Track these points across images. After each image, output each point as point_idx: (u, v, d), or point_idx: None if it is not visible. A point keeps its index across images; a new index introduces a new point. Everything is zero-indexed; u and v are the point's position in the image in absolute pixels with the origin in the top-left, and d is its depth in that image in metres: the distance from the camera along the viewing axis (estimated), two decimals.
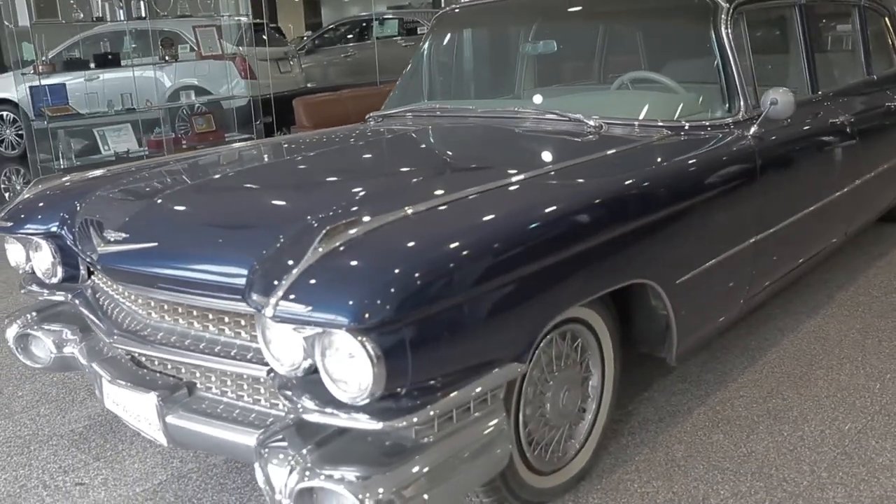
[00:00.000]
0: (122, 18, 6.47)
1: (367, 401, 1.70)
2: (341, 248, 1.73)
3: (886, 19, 4.40)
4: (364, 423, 1.72)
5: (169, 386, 2.20)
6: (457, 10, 3.77)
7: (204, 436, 2.11)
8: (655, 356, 2.61)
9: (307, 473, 1.74)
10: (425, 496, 1.76)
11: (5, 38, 6.30)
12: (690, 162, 2.53)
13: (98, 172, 2.88)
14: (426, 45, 3.73)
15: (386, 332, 1.65)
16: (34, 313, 2.73)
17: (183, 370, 2.22)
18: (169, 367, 2.25)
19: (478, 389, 1.84)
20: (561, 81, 3.67)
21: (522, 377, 2.13)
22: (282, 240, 1.87)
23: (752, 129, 2.82)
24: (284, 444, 1.85)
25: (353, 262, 1.70)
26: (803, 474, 2.40)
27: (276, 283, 1.71)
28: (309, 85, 10.81)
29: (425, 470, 1.77)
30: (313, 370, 1.82)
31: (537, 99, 3.34)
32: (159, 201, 2.32)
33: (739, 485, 2.37)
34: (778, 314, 3.58)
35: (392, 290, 1.64)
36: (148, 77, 8.68)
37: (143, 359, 2.31)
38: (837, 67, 4.10)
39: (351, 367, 1.69)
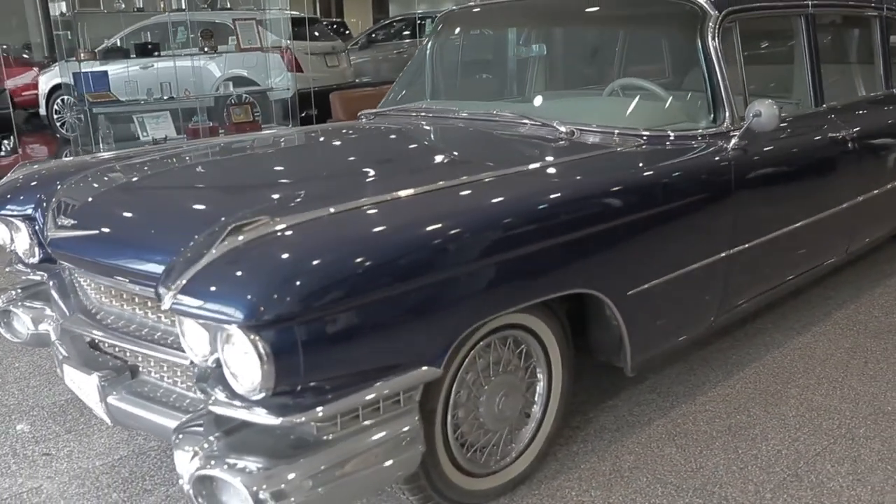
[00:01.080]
0: (162, 10, 6.65)
1: (261, 395, 1.73)
2: (242, 247, 1.76)
3: None
4: (262, 417, 1.75)
5: (114, 368, 2.28)
6: (456, 12, 3.78)
7: (140, 418, 2.18)
8: (614, 365, 2.59)
9: (209, 461, 1.79)
10: (320, 490, 1.79)
11: (59, 27, 6.55)
12: (646, 173, 2.48)
13: (82, 159, 2.99)
14: (428, 45, 3.75)
15: (276, 331, 1.68)
16: (19, 290, 2.86)
17: (128, 354, 2.30)
18: (117, 350, 2.33)
19: (385, 391, 1.86)
20: (553, 86, 3.64)
21: (452, 380, 2.15)
22: (197, 235, 1.92)
23: (733, 142, 2.75)
24: (200, 430, 1.91)
25: (250, 261, 1.74)
26: (747, 494, 2.35)
27: (179, 276, 1.76)
28: (357, 80, 10.93)
29: (322, 466, 1.80)
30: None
31: (518, 103, 3.33)
32: (109, 191, 2.41)
33: (678, 500, 2.33)
34: (769, 329, 3.49)
35: (283, 289, 1.67)
36: (198, 67, 8.95)
37: (98, 341, 2.40)
38: (851, 80, 3.95)
39: (244, 362, 1.72)
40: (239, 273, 1.72)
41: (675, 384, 3.02)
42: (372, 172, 2.49)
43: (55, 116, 9.43)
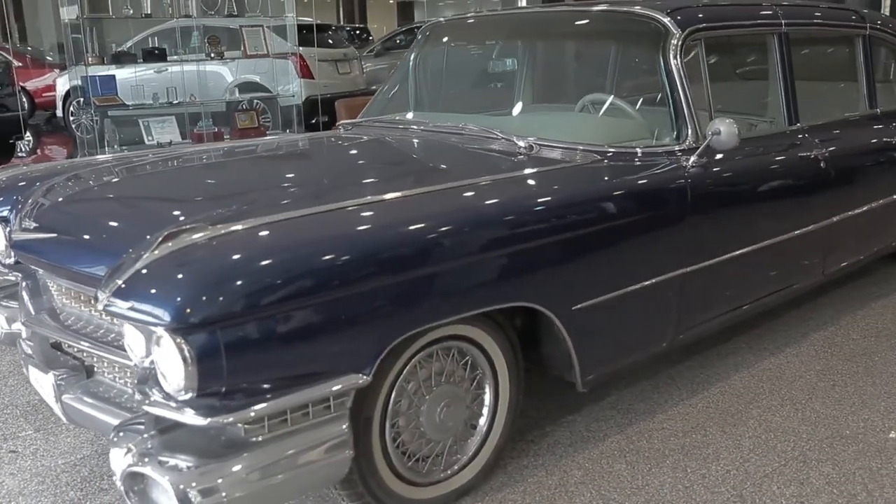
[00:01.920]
0: (170, 16, 6.79)
1: (188, 396, 1.79)
2: (173, 252, 1.83)
3: None
4: (191, 417, 1.81)
5: (71, 368, 2.34)
6: (438, 24, 3.83)
7: (93, 417, 2.24)
8: (566, 380, 2.61)
9: (140, 459, 1.85)
10: (246, 491, 1.84)
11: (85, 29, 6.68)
12: (594, 188, 2.51)
13: (72, 161, 3.09)
14: (411, 56, 3.80)
15: (201, 334, 1.74)
16: None
17: (85, 355, 2.36)
18: (76, 350, 2.40)
19: (313, 396, 1.91)
20: (529, 100, 3.67)
21: (390, 388, 2.19)
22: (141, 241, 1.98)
23: (692, 159, 2.77)
24: (139, 429, 1.96)
25: (177, 266, 1.80)
26: None
27: (114, 279, 1.83)
28: (372, 87, 11.02)
29: (249, 467, 1.85)
30: None
31: (491, 116, 3.36)
32: (71, 195, 2.49)
33: None
34: (742, 349, 3.49)
35: (208, 294, 1.74)
36: (211, 72, 9.08)
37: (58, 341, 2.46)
38: (831, 99, 3.95)
39: (171, 363, 1.78)
40: (166, 278, 1.78)
41: (637, 401, 3.03)
42: (321, 183, 2.54)
43: (71, 118, 9.61)
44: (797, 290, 3.51)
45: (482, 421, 2.46)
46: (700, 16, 3.06)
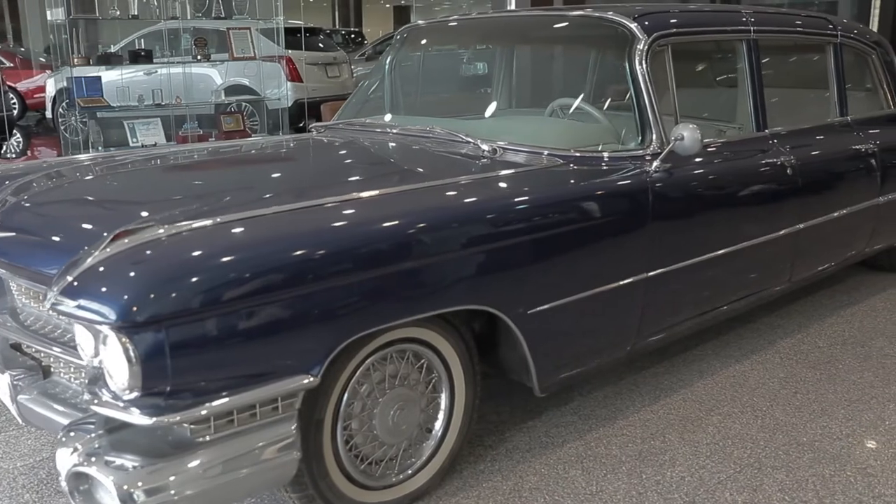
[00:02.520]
0: (157, 17, 6.81)
1: (133, 395, 1.80)
2: (119, 252, 1.85)
3: (874, 58, 4.23)
4: (136, 417, 1.82)
5: (28, 368, 2.36)
6: (413, 28, 3.86)
7: (48, 418, 2.25)
8: (526, 384, 2.63)
9: (85, 458, 1.86)
10: (191, 491, 1.85)
11: (71, 30, 6.70)
12: (549, 192, 2.53)
13: (35, 162, 3.10)
14: (387, 59, 3.83)
15: (145, 333, 1.75)
16: None
17: (42, 355, 2.38)
18: (34, 350, 2.41)
19: (260, 396, 1.93)
20: (503, 104, 3.70)
21: (342, 390, 2.20)
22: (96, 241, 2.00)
23: (654, 164, 2.79)
24: (89, 428, 1.98)
25: (123, 265, 1.82)
26: None
27: (62, 278, 1.85)
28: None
29: (195, 467, 1.86)
30: None
31: (462, 120, 3.38)
32: (33, 194, 2.51)
33: None
34: (708, 356, 3.51)
35: (152, 293, 1.75)
36: (201, 74, 9.11)
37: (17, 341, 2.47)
38: (802, 106, 3.98)
39: (116, 362, 1.80)
40: (112, 276, 1.80)
41: (599, 407, 3.05)
42: (279, 185, 2.57)
43: (60, 120, 9.63)
44: (764, 296, 3.53)
45: (437, 425, 2.48)
46: (667, 21, 3.09)
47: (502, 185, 2.57)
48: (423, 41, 3.86)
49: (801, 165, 3.42)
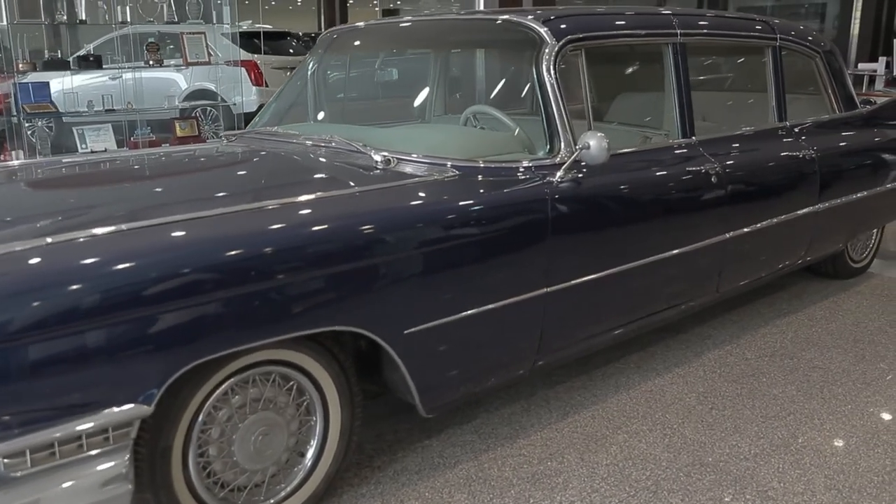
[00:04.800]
0: (106, 22, 6.69)
1: None
2: None
3: (818, 61, 4.11)
4: None
5: None
6: (336, 32, 3.76)
7: None
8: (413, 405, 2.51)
9: None
10: None
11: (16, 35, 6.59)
12: (430, 206, 2.40)
13: None
14: (308, 65, 3.72)
15: None
16: None
17: None
18: None
19: (85, 427, 1.82)
20: (415, 111, 3.59)
21: (195, 415, 2.09)
22: None
23: (558, 174, 2.68)
24: None
25: None
26: None
27: None
28: None
29: None
30: None
31: (357, 128, 3.27)
32: None
33: None
34: (629, 369, 3.39)
35: None
36: (165, 78, 9.01)
37: None
38: (737, 111, 3.86)
39: None
40: None
41: (502, 425, 2.93)
42: (145, 199, 2.46)
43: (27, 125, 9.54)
44: (690, 308, 3.42)
45: (310, 449, 2.37)
46: (581, 25, 2.97)
47: (384, 198, 2.44)
48: (342, 46, 3.74)
49: (728, 173, 3.30)
